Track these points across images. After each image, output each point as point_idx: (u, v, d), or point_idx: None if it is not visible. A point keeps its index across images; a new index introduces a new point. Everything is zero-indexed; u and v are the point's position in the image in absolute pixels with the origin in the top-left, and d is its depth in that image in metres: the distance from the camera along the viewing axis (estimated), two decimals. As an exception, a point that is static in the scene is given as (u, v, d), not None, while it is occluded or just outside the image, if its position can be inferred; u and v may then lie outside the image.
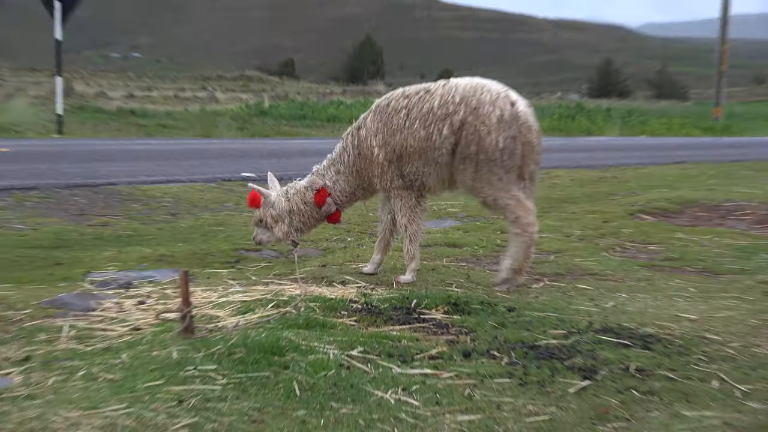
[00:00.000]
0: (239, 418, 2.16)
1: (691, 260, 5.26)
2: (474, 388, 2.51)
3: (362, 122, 4.27)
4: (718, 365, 2.83)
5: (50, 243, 5.52)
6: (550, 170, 11.43)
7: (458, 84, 4.01)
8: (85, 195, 7.47)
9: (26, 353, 2.84)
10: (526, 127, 3.94)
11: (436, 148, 3.96)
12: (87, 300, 3.69)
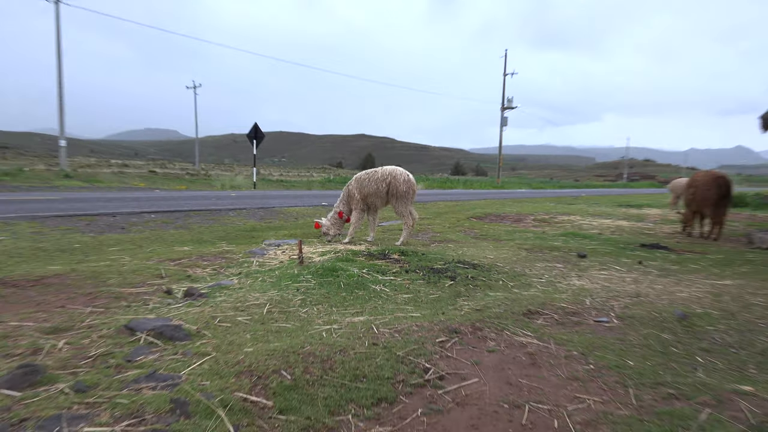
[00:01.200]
0: (321, 296, 5.11)
1: (490, 235, 9.70)
2: (409, 284, 5.65)
3: (349, 184, 8.56)
4: (502, 275, 6.26)
5: (249, 229, 10.90)
6: (437, 201, 21.43)
7: (387, 168, 8.46)
8: (263, 211, 14.61)
9: (239, 270, 5.75)
10: (412, 185, 8.26)
11: (381, 192, 8.06)
12: (263, 250, 7.01)
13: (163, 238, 8.70)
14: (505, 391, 3.18)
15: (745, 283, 6.55)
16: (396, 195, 8.38)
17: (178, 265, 6.24)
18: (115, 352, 3.41)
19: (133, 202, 14.78)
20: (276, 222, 12.24)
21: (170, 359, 3.32)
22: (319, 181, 37.55)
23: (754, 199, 25.49)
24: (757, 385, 3.39)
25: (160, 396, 2.78)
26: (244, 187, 27.09)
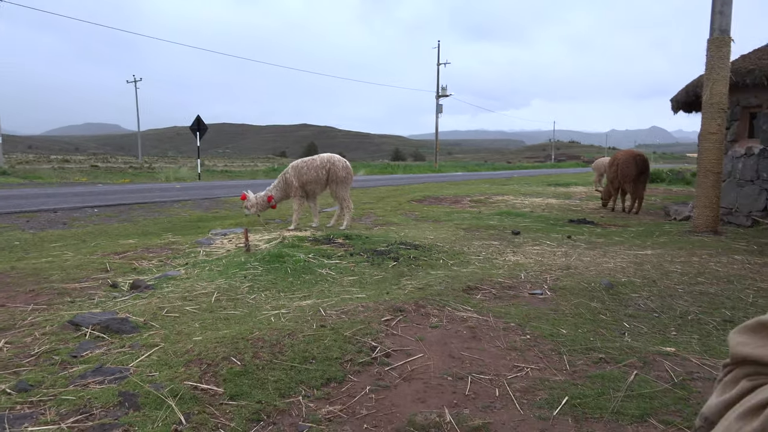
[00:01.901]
0: (268, 282, 5.03)
1: (429, 217, 9.65)
2: (354, 267, 5.62)
3: (286, 172, 8.30)
4: (442, 254, 6.30)
5: (195, 219, 10.43)
6: (378, 187, 20.78)
7: (325, 155, 8.25)
8: (209, 202, 14.17)
9: (185, 261, 5.52)
10: (350, 171, 8.12)
11: (321, 178, 7.88)
12: (210, 240, 6.73)
13: (107, 232, 8.35)
14: (449, 364, 3.20)
15: (664, 252, 6.83)
16: (337, 181, 8.34)
17: (124, 258, 6.00)
18: (59, 349, 3.24)
19: (74, 198, 14.12)
20: (222, 212, 11.95)
21: (117, 352, 3.18)
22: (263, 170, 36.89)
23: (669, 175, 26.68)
24: (678, 345, 3.54)
25: (108, 390, 2.66)
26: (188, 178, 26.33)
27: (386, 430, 2.46)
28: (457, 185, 21.57)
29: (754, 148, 10.68)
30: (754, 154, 10.68)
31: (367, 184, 22.69)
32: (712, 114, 8.67)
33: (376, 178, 29.93)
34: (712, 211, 8.78)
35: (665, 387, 2.90)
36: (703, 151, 8.83)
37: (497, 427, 2.51)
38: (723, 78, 8.56)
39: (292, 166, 8.42)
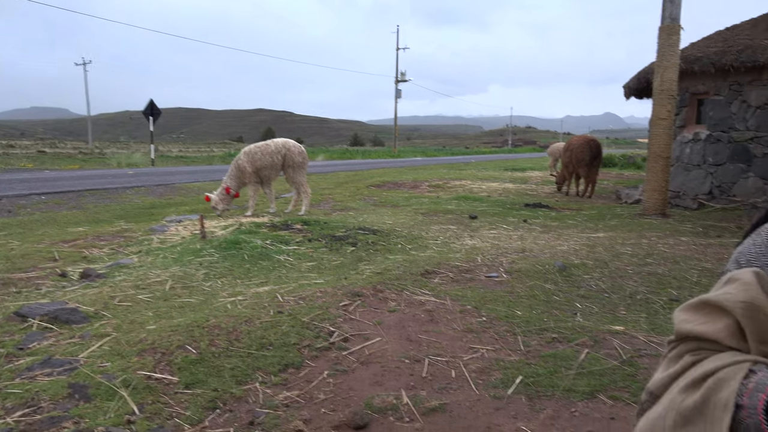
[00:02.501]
0: (225, 268, 4.96)
1: (388, 202, 9.72)
2: (313, 252, 5.60)
3: (238, 159, 8.16)
4: (400, 239, 6.33)
5: (149, 206, 10.16)
6: (337, 172, 20.61)
7: (279, 141, 8.28)
8: (163, 188, 13.68)
9: (139, 248, 5.38)
10: (306, 156, 8.04)
11: (276, 164, 7.86)
12: (164, 227, 6.60)
13: (55, 220, 8.07)
14: (406, 347, 3.23)
15: (615, 235, 7.02)
16: (293, 166, 8.26)
17: (73, 247, 5.82)
18: (4, 341, 3.12)
19: (20, 184, 13.59)
20: (177, 198, 11.70)
21: (67, 343, 3.09)
22: (220, 156, 36.17)
23: (621, 160, 27.40)
24: (627, 324, 3.65)
25: (57, 382, 2.59)
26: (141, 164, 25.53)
27: (343, 413, 2.47)
28: (416, 170, 21.64)
29: (701, 134, 11.05)
30: (701, 140, 11.05)
31: (326, 169, 22.56)
32: (662, 100, 8.92)
33: (335, 163, 29.77)
34: (661, 194, 9.06)
35: (614, 364, 3.00)
36: (653, 137, 9.09)
37: (453, 408, 2.55)
38: (673, 65, 8.80)
39: (245, 152, 8.28)
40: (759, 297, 1.06)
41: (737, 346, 1.08)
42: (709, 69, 10.78)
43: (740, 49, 10.46)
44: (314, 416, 2.46)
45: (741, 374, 1.01)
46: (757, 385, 0.98)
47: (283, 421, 2.41)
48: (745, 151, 10.44)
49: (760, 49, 10.20)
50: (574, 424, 2.41)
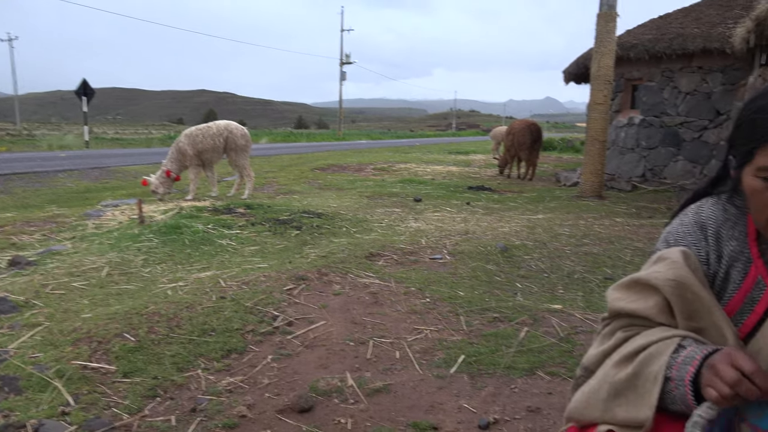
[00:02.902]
0: (164, 254, 4.83)
1: (333, 185, 9.72)
2: (256, 237, 5.51)
3: (179, 141, 7.99)
4: (345, 222, 6.32)
5: (83, 190, 9.84)
6: (281, 155, 20.33)
7: (221, 123, 8.21)
8: (98, 171, 13.13)
9: (72, 234, 5.14)
10: (249, 138, 8.00)
11: (218, 146, 7.76)
12: (100, 212, 6.35)
13: (-20, 205, 7.65)
14: (351, 330, 3.24)
15: (554, 216, 7.23)
16: (235, 149, 8.08)
17: (0, 234, 5.52)
18: (-75, 333, 2.95)
19: (-59, 167, 12.79)
20: (113, 182, 11.28)
21: (-5, 334, 2.95)
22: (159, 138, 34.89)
23: (560, 144, 28.15)
24: (565, 303, 3.78)
25: (-16, 374, 2.46)
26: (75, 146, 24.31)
27: (288, 397, 2.46)
28: (361, 153, 21.61)
29: (635, 119, 11.47)
30: (635, 124, 11.47)
31: (270, 152, 22.19)
32: (599, 86, 9.18)
33: (279, 146, 29.33)
34: (598, 177, 9.37)
35: (552, 341, 3.10)
36: (590, 121, 9.36)
37: (397, 388, 2.58)
38: (610, 51, 9.07)
39: (186, 135, 8.03)
40: (686, 275, 1.12)
41: (666, 322, 1.14)
42: (644, 56, 11.17)
43: (672, 37, 10.88)
44: (258, 401, 2.44)
45: (671, 349, 1.06)
46: (686, 358, 1.03)
47: (226, 406, 2.37)
48: (676, 136, 10.92)
49: (690, 37, 10.63)
50: (513, 400, 2.48)
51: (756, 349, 1.07)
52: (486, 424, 2.26)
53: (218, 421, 2.26)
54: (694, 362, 1.00)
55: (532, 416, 2.36)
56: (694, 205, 1.27)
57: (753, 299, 1.12)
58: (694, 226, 1.21)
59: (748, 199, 1.09)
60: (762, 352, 1.06)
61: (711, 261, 1.17)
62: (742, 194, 1.13)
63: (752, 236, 1.15)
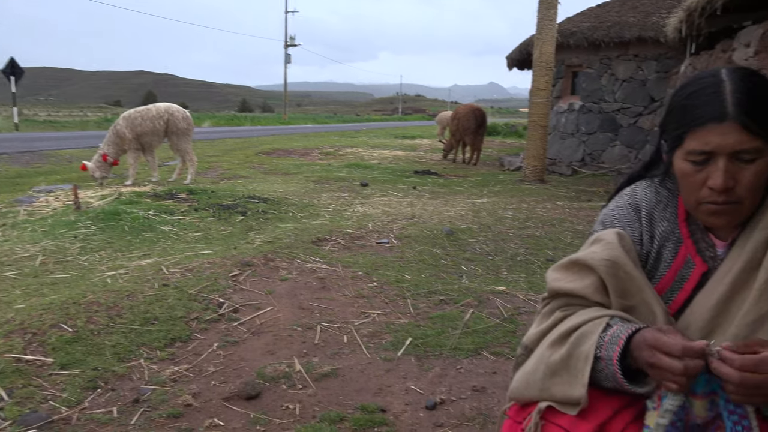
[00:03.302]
0: (103, 241, 4.67)
1: (279, 170, 9.64)
2: (200, 222, 5.39)
3: (117, 124, 7.67)
4: (291, 207, 6.26)
5: (14, 175, 9.49)
6: (225, 139, 19.69)
7: (161, 105, 7.96)
8: (30, 155, 12.23)
9: (2, 222, 4.86)
10: (191, 121, 7.83)
11: (158, 130, 7.57)
12: (32, 198, 6.04)
13: None
14: (298, 315, 3.23)
15: (498, 200, 7.38)
16: (177, 132, 7.84)
17: None
18: None
19: None
20: (46, 167, 10.78)
21: None
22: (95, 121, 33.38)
23: (504, 129, 28.69)
24: (509, 284, 3.88)
25: None
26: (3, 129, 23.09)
27: (235, 384, 2.44)
28: (307, 137, 21.38)
29: (575, 104, 11.79)
30: (575, 110, 11.79)
31: (213, 136, 21.66)
32: (541, 72, 9.38)
33: (222, 129, 28.67)
34: (540, 161, 9.60)
35: (496, 322, 3.18)
36: (532, 107, 9.56)
37: (345, 372, 2.60)
38: (551, 38, 9.26)
39: (124, 117, 7.72)
40: (620, 255, 1.17)
41: (602, 301, 1.19)
42: (583, 43, 11.47)
43: (610, 25, 11.21)
44: (204, 389, 2.41)
45: (600, 328, 1.11)
46: (612, 337, 1.08)
47: (170, 396, 2.33)
48: (613, 122, 11.29)
49: (627, 26, 10.98)
50: (459, 381, 2.54)
51: (685, 325, 1.13)
52: (433, 405, 2.30)
53: (162, 411, 2.22)
54: (620, 341, 1.05)
55: (477, 395, 2.42)
56: (628, 188, 1.32)
57: (682, 277, 1.18)
58: (629, 208, 1.27)
59: (679, 182, 1.14)
60: (691, 327, 1.12)
61: (644, 241, 1.23)
62: (673, 177, 1.18)
63: (682, 217, 1.20)
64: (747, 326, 1.05)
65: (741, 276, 1.09)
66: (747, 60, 5.46)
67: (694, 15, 6.66)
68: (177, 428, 2.12)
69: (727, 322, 1.09)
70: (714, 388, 0.97)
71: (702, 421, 0.99)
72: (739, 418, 0.95)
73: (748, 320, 1.05)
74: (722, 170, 1.04)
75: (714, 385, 0.97)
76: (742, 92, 1.04)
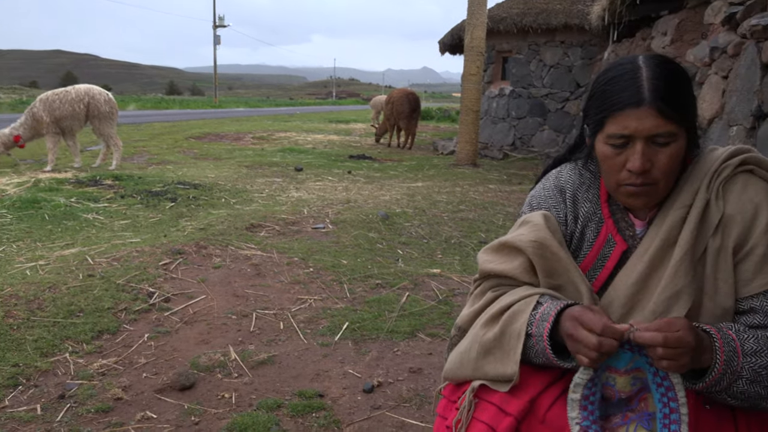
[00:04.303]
0: (20, 231, 4.42)
1: (210, 155, 9.51)
2: (126, 210, 5.19)
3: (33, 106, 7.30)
4: (224, 193, 6.12)
5: None
6: (152, 123, 18.40)
7: (82, 87, 7.56)
8: None
9: None
10: (114, 104, 7.56)
11: (78, 113, 7.25)
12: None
13: None
14: (233, 303, 3.18)
15: (432, 184, 7.48)
16: (99, 116, 7.46)
17: None
18: None
19: None
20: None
21: None
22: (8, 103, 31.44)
23: (437, 113, 29.01)
24: (443, 267, 3.95)
25: None
26: None
27: (167, 376, 2.38)
28: (239, 122, 20.87)
29: (506, 90, 12.05)
30: (505, 95, 12.06)
31: (140, 119, 20.81)
32: (472, 57, 9.52)
33: (149, 113, 27.59)
34: (472, 145, 9.79)
35: (432, 304, 3.24)
36: (464, 91, 9.71)
37: (282, 359, 2.58)
38: (481, 23, 9.40)
39: (41, 100, 7.29)
40: (546, 237, 1.21)
41: (530, 281, 1.23)
42: (512, 29, 11.71)
43: (537, 12, 11.49)
44: (135, 382, 2.34)
45: (530, 307, 1.15)
46: (543, 315, 1.13)
47: (99, 390, 2.25)
48: (542, 107, 11.63)
49: (554, 13, 11.29)
50: (396, 363, 2.57)
51: (608, 301, 1.19)
52: (370, 388, 2.33)
53: (90, 406, 2.14)
54: (550, 318, 1.10)
55: (414, 377, 2.46)
56: (554, 171, 1.37)
57: (604, 256, 1.23)
58: (554, 190, 1.31)
59: (600, 165, 1.19)
60: (613, 303, 1.18)
61: (569, 222, 1.28)
62: (595, 160, 1.23)
63: (604, 198, 1.26)
64: (664, 302, 1.11)
65: (658, 254, 1.15)
66: (664, 48, 5.74)
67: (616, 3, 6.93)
68: (107, 423, 2.05)
69: (646, 299, 1.15)
70: (638, 364, 1.02)
71: (626, 395, 1.04)
72: (666, 389, 1.00)
73: (664, 296, 1.11)
74: (640, 153, 1.09)
75: (638, 362, 1.02)
76: (657, 78, 1.09)
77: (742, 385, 1.02)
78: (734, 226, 1.12)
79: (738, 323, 1.11)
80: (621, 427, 1.04)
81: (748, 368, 1.02)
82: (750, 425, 1.08)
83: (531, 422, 1.08)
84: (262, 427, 2.02)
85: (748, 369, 1.02)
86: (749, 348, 1.03)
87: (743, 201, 1.12)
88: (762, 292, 1.10)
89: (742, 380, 1.02)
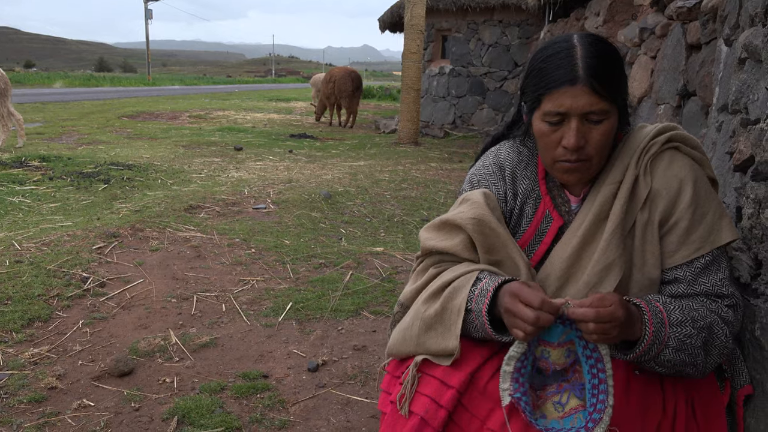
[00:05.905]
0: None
1: (144, 134, 9.31)
2: (56, 192, 4.95)
3: None
4: (160, 173, 5.93)
5: None
6: (82, 101, 17.86)
7: None
8: None
9: None
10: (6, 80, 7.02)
11: None
12: None
13: None
14: (173, 287, 3.10)
15: (375, 163, 7.48)
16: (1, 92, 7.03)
17: None
18: None
19: None
20: None
21: None
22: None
23: (379, 91, 28.90)
24: (386, 245, 3.97)
25: None
26: None
27: (105, 362, 2.31)
28: (175, 100, 20.19)
29: (446, 68, 12.12)
30: (445, 74, 12.13)
31: (67, 98, 19.79)
32: (412, 35, 9.51)
33: (77, 90, 26.26)
34: (413, 124, 9.83)
35: (375, 282, 3.26)
36: (405, 70, 9.71)
37: (225, 341, 2.55)
38: (421, 1, 9.39)
39: None
40: (485, 214, 1.23)
41: (471, 257, 1.25)
42: (451, 8, 11.74)
43: (477, -9, 11.54)
44: (70, 370, 2.26)
45: (470, 282, 1.18)
46: (481, 291, 1.15)
47: (31, 380, 2.16)
48: (481, 85, 11.77)
49: (493, -8, 11.38)
50: (341, 341, 2.59)
51: (545, 275, 1.23)
52: (315, 367, 2.33)
53: (22, 396, 2.05)
54: (488, 294, 1.12)
55: (358, 354, 2.48)
56: (493, 148, 1.40)
57: (542, 231, 1.27)
58: (494, 167, 1.34)
59: (537, 142, 1.22)
60: (550, 277, 1.22)
61: (508, 198, 1.31)
62: (533, 137, 1.26)
63: (541, 175, 1.29)
64: (596, 274, 1.16)
65: (591, 228, 1.20)
66: (597, 28, 5.89)
67: (552, -16, 7.05)
68: (41, 413, 1.97)
69: (580, 271, 1.19)
70: (570, 337, 1.06)
71: (561, 367, 1.09)
72: (595, 361, 1.05)
73: (597, 269, 1.16)
74: (574, 130, 1.12)
75: (570, 335, 1.06)
76: (592, 57, 1.12)
77: (669, 354, 1.08)
78: (660, 201, 1.17)
79: (664, 293, 1.17)
80: (555, 395, 1.09)
81: (674, 338, 1.08)
82: (676, 389, 1.15)
83: (472, 394, 1.11)
84: (205, 410, 2.00)
85: (674, 338, 1.08)
86: (675, 318, 1.09)
87: (668, 176, 1.18)
88: (685, 262, 1.16)
89: (669, 349, 1.07)
